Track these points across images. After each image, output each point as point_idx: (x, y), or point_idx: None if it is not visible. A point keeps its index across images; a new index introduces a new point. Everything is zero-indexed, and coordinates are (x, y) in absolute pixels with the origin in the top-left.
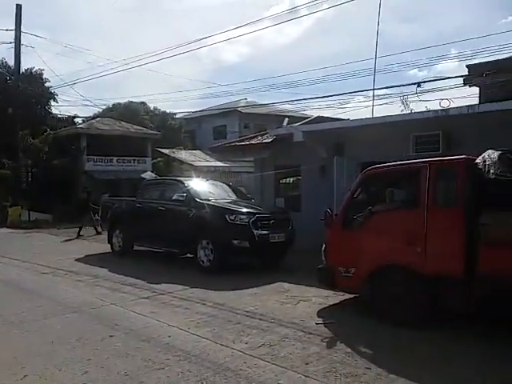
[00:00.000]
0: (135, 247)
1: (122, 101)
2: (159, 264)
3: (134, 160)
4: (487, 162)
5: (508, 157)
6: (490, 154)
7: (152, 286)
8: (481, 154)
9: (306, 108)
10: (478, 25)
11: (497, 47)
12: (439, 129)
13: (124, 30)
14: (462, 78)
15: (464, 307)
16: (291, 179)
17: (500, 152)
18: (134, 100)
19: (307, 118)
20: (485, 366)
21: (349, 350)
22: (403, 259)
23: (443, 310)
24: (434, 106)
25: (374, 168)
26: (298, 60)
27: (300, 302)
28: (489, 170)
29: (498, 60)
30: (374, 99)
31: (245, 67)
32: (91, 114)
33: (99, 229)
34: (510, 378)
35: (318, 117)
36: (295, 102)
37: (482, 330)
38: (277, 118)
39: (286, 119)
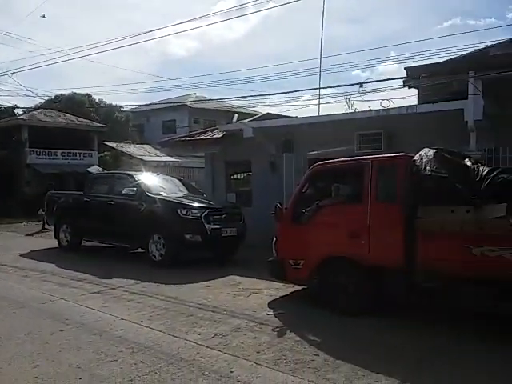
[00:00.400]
0: (84, 242)
1: (66, 92)
2: (109, 259)
3: (80, 153)
4: (424, 160)
5: (442, 155)
6: (427, 152)
7: (102, 280)
8: (418, 152)
9: (255, 104)
10: (417, 28)
11: (433, 51)
12: (381, 128)
13: (69, 20)
14: (402, 80)
15: (405, 296)
16: (242, 175)
17: (435, 150)
18: (78, 91)
19: (257, 114)
20: (426, 352)
21: (298, 338)
22: (348, 251)
23: (387, 299)
24: (377, 105)
25: (321, 164)
26: (246, 56)
27: (252, 294)
28: (425, 167)
29: (434, 64)
30: (320, 98)
31: (193, 61)
32: (32, 106)
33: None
34: (444, 359)
35: (268, 113)
36: (245, 99)
37: (425, 317)
38: (226, 114)
39: (236, 115)
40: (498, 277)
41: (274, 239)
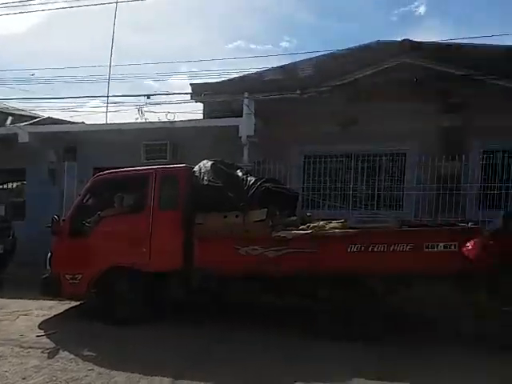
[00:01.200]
0: None
1: None
2: None
3: None
4: (202, 171)
5: (218, 166)
6: (205, 164)
7: None
8: (198, 164)
9: (35, 108)
10: (207, 45)
11: (219, 70)
12: (167, 139)
13: None
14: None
15: (184, 297)
16: (14, 184)
17: (212, 162)
18: None
19: (37, 118)
20: (203, 349)
21: (72, 356)
22: (129, 260)
23: (168, 305)
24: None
25: (104, 174)
26: (27, 54)
27: (19, 317)
28: (203, 177)
29: (216, 82)
30: (108, 105)
31: None
32: None
33: None
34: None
35: (49, 117)
36: (24, 101)
37: (204, 317)
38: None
39: (10, 117)
40: (261, 273)
41: (49, 254)
